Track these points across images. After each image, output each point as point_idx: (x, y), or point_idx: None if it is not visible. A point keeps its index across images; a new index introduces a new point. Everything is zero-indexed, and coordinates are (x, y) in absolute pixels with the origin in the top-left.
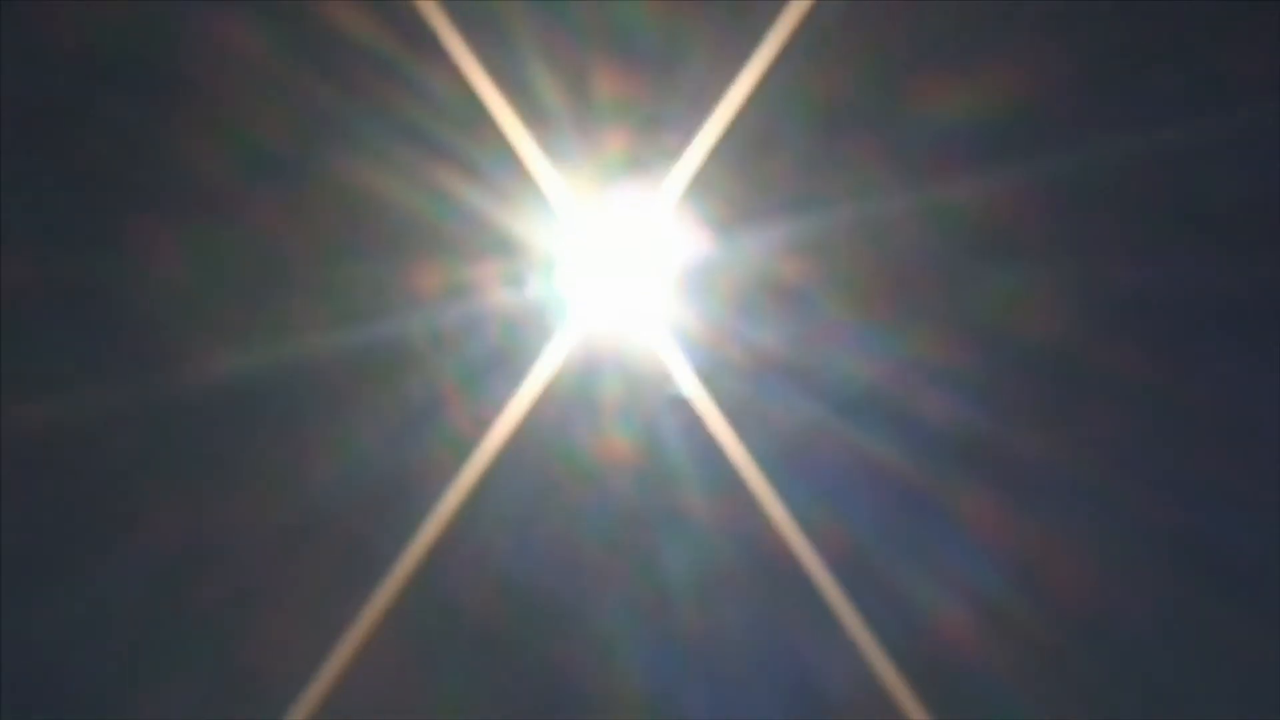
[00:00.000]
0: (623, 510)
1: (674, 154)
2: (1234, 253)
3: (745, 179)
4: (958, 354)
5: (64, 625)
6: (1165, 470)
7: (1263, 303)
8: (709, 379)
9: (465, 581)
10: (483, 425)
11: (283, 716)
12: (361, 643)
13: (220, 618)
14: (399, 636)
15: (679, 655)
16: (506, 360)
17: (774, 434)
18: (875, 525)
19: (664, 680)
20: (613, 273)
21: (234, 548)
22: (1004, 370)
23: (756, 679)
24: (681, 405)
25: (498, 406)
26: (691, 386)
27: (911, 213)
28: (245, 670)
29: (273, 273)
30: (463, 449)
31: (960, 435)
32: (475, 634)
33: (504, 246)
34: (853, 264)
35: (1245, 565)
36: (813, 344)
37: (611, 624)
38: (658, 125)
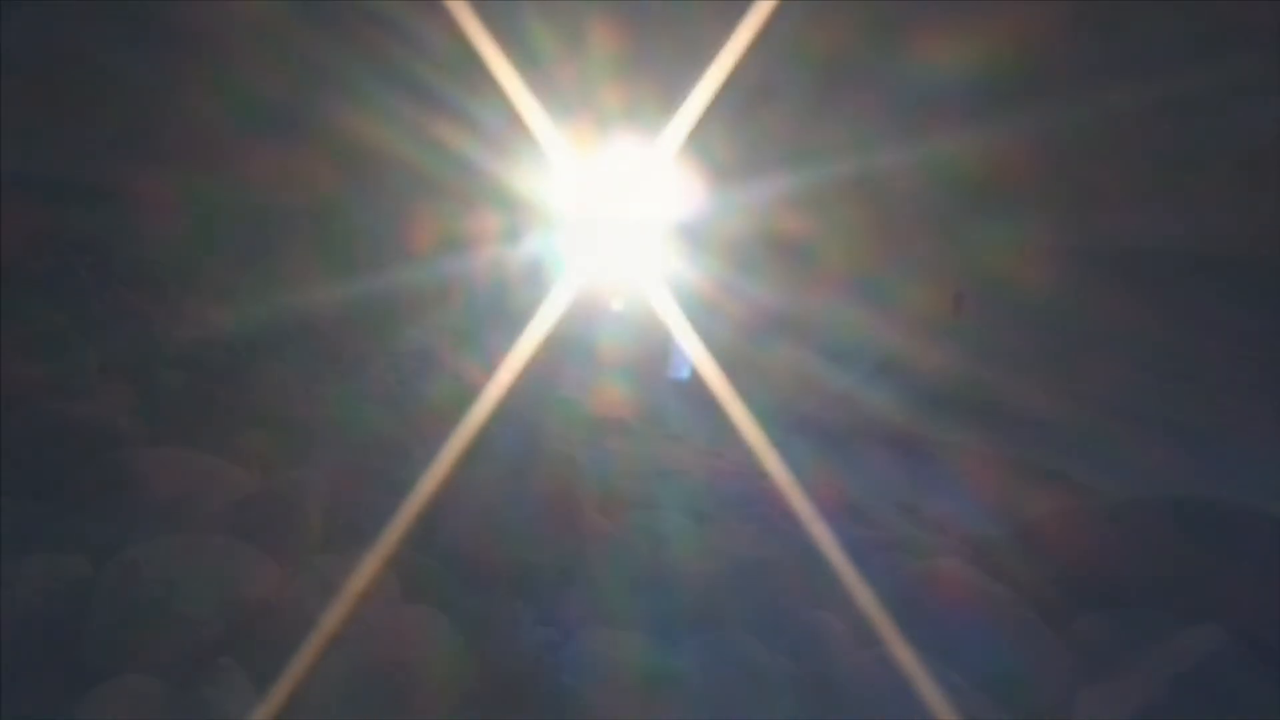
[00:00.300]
0: (618, 458)
1: (671, 109)
2: (1228, 202)
3: (742, 133)
4: (953, 305)
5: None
6: (1161, 417)
7: (1257, 252)
8: (705, 330)
9: (464, 527)
10: (482, 375)
11: (285, 667)
12: (363, 587)
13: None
14: (400, 582)
15: (674, 605)
16: (505, 312)
17: (768, 383)
18: (870, 474)
19: (658, 628)
20: (610, 226)
21: (238, 494)
22: (1000, 321)
23: (750, 625)
24: (681, 385)
25: (496, 358)
26: (687, 338)
27: (908, 166)
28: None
29: (272, 225)
30: (463, 399)
31: (956, 385)
32: (473, 579)
33: (503, 200)
34: (849, 216)
35: (1240, 511)
36: (809, 295)
37: (607, 572)
38: (655, 80)
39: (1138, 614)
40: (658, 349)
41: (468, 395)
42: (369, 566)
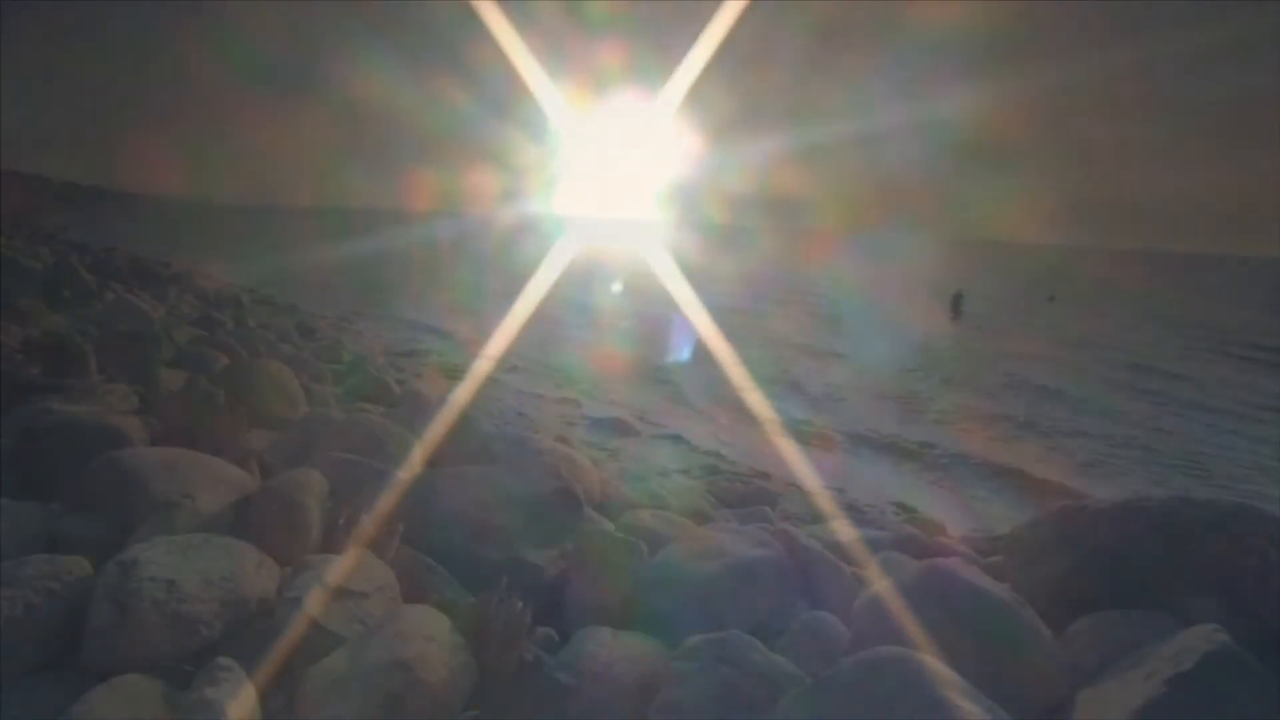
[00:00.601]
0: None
1: (670, 68)
2: (1228, 162)
3: (741, 92)
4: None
5: None
6: (1158, 376)
7: (1257, 207)
8: (703, 290)
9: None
10: (480, 338)
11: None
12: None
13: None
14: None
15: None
16: (504, 272)
17: (767, 344)
18: (866, 432)
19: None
20: (610, 184)
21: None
22: (995, 281)
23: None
24: (683, 366)
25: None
26: (686, 298)
27: (906, 125)
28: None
29: (271, 186)
30: (462, 362)
31: (950, 344)
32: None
33: (501, 160)
34: (847, 175)
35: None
36: (806, 255)
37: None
38: (654, 39)
39: (1138, 614)
40: (659, 332)
41: (466, 394)
42: (368, 566)
